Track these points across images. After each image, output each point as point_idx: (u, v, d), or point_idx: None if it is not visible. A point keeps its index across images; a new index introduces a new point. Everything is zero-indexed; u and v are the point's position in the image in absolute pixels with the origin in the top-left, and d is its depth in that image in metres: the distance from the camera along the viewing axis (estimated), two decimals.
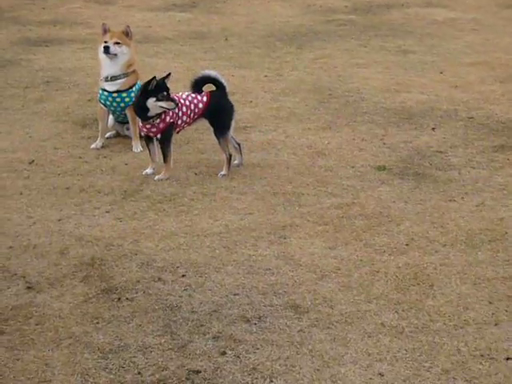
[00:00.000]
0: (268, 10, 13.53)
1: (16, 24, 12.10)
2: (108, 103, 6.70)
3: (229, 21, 12.63)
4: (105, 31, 6.62)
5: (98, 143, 6.79)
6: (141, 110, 6.00)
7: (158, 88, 5.87)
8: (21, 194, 5.88)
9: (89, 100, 8.18)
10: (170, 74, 6.05)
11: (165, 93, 5.90)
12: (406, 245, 5.07)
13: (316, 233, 5.24)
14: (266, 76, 9.19)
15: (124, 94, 6.64)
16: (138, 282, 4.62)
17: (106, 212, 5.56)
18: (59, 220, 5.43)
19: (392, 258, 4.91)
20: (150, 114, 5.95)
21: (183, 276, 4.68)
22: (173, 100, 5.91)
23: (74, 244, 5.09)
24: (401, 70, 9.59)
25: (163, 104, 5.89)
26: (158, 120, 5.99)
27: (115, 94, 6.64)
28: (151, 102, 5.88)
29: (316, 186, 6.01)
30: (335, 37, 11.45)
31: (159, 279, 4.64)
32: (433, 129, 7.34)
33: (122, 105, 6.68)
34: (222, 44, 10.97)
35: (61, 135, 7.12)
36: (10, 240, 5.14)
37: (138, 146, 6.71)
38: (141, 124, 6.12)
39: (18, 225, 5.37)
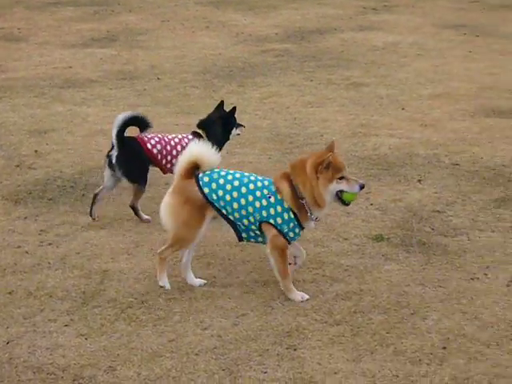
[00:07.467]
0: (195, 42, 12.59)
1: None
2: None
3: (156, 56, 11.62)
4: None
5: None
6: None
7: None
8: None
9: (17, 166, 7.04)
10: None
11: None
12: (443, 348, 4.18)
13: (331, 339, 4.28)
14: None
15: None
16: None
17: (65, 326, 4.46)
18: (7, 343, 4.31)
19: (432, 369, 4.01)
20: None
21: None
22: None
23: (32, 379, 3.99)
24: (358, 107, 8.80)
25: None
26: None
27: None
28: None
29: (311, 269, 5.08)
30: (276, 70, 10.60)
31: None
32: (419, 181, 6.53)
33: None
34: (154, 85, 9.95)
35: None
36: None
37: None
38: None
39: None
